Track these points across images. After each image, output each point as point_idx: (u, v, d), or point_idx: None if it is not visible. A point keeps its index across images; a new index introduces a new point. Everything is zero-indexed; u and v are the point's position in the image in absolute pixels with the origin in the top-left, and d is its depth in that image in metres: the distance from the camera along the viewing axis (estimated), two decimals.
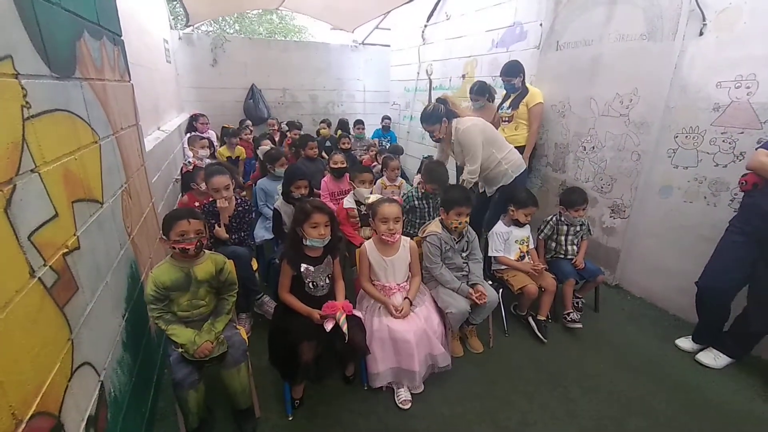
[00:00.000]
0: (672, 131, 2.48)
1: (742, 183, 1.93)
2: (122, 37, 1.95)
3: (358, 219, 2.64)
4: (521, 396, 1.93)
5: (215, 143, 4.42)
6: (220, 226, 2.23)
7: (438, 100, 2.71)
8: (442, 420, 1.79)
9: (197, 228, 1.57)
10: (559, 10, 3.09)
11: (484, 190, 2.92)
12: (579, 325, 2.40)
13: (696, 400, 1.90)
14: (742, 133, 2.16)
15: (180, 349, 1.49)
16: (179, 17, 6.88)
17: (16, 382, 0.80)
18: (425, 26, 4.98)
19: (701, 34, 2.26)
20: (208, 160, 3.43)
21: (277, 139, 5.02)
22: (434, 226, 2.11)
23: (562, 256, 2.54)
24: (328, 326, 1.64)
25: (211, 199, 2.30)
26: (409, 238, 2.04)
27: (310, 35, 11.45)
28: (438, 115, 2.64)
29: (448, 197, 2.09)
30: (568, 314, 2.44)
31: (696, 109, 2.32)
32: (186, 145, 4.21)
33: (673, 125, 2.47)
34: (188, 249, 1.54)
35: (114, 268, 1.44)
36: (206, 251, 1.68)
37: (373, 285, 1.98)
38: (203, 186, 2.48)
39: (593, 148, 2.97)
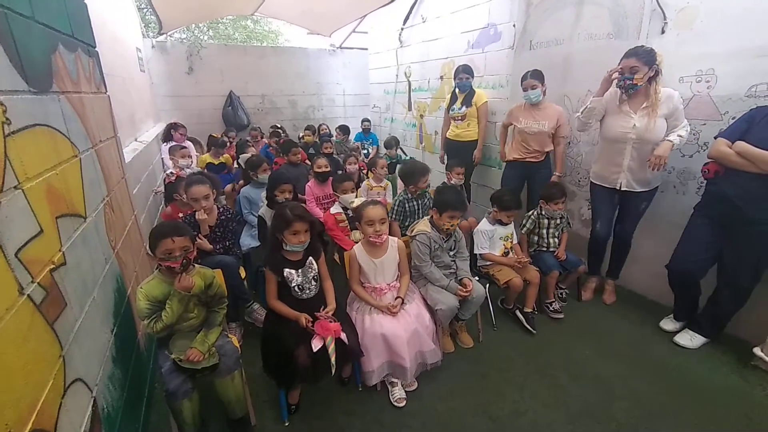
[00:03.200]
0: None
1: (705, 171, 2.04)
2: (96, 48, 1.92)
3: (347, 223, 2.66)
4: (512, 387, 1.99)
5: (194, 154, 4.36)
6: (201, 238, 2.20)
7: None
8: (436, 415, 1.83)
9: (183, 245, 1.55)
10: (531, 11, 3.19)
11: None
12: (561, 315, 2.49)
13: (676, 380, 2.00)
14: (704, 124, 2.28)
15: (173, 356, 1.48)
16: (151, 25, 6.75)
17: (10, 400, 0.80)
18: (402, 29, 5.05)
19: (663, 32, 2.38)
20: (189, 170, 3.39)
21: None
22: (423, 226, 2.15)
23: (545, 249, 2.62)
24: (316, 346, 1.63)
25: (193, 210, 2.28)
26: (396, 238, 2.08)
27: (286, 40, 11.39)
28: (656, 61, 2.16)
29: (443, 199, 2.11)
30: (551, 304, 2.53)
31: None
32: (165, 155, 4.14)
33: None
34: (174, 267, 1.52)
35: (100, 283, 1.42)
36: (195, 265, 1.67)
37: (364, 287, 2.00)
38: (185, 196, 2.45)
39: (569, 143, 3.08)
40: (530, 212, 2.67)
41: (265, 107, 6.86)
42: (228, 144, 4.54)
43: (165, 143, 4.44)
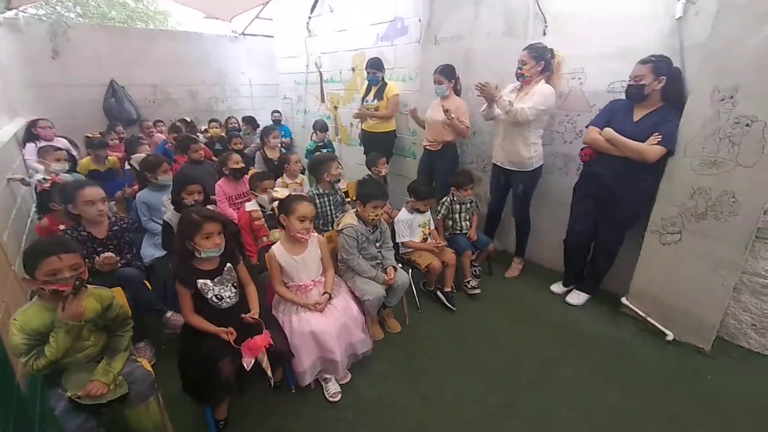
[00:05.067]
0: None
1: (582, 156, 2.42)
2: None
3: (263, 221, 2.54)
4: (437, 363, 2.14)
5: (73, 152, 3.71)
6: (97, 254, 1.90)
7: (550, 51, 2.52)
8: (371, 402, 1.89)
9: (72, 263, 1.30)
10: (434, 7, 3.35)
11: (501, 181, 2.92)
12: (477, 291, 2.74)
13: (569, 334, 2.36)
14: (579, 115, 2.67)
15: (68, 393, 1.28)
16: None
17: None
18: (309, 18, 4.90)
19: (545, 33, 2.71)
20: (66, 175, 2.88)
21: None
22: (350, 219, 2.17)
23: (458, 232, 2.84)
24: (248, 364, 1.56)
25: (73, 224, 1.95)
26: (316, 234, 2.05)
27: (177, 23, 10.22)
28: (546, 58, 2.49)
29: (365, 191, 2.15)
30: (468, 282, 2.76)
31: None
32: (30, 158, 3.45)
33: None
34: (63, 291, 1.27)
35: None
36: (87, 286, 1.41)
37: (288, 286, 1.95)
38: (69, 205, 2.08)
39: (474, 133, 3.34)
40: (444, 199, 2.86)
41: (157, 98, 6.07)
42: (107, 143, 3.84)
43: (30, 143, 3.70)
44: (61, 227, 2.13)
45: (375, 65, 3.61)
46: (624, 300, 2.49)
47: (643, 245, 2.33)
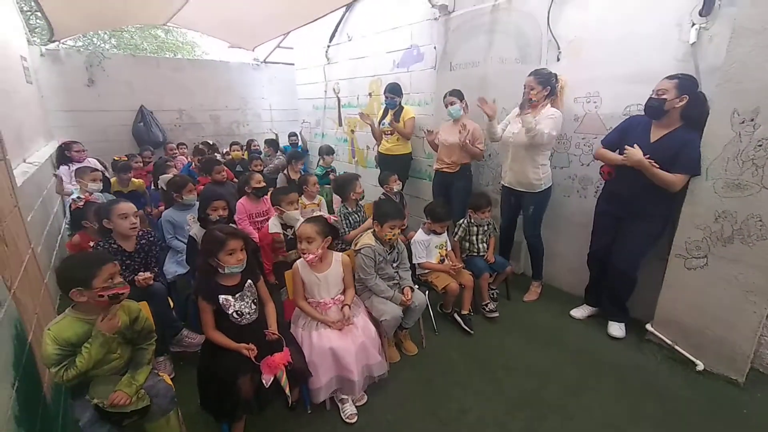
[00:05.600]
0: None
1: (601, 173, 2.45)
2: None
3: (283, 244, 2.59)
4: (456, 387, 2.09)
5: (106, 173, 3.89)
6: (126, 267, 1.99)
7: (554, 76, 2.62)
8: (387, 425, 1.85)
9: (119, 269, 1.43)
10: (449, 36, 3.48)
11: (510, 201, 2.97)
12: (496, 314, 2.69)
13: (592, 360, 2.28)
14: (595, 137, 2.68)
15: (95, 400, 1.30)
16: (37, 30, 5.94)
17: None
18: (329, 46, 5.12)
19: (558, 59, 2.77)
20: (98, 194, 3.02)
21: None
22: (367, 239, 2.19)
23: (476, 254, 2.83)
24: (267, 381, 1.58)
25: (100, 240, 2.05)
26: (341, 254, 2.08)
27: (204, 53, 10.79)
28: (552, 83, 2.58)
29: (382, 211, 2.18)
30: (486, 305, 2.72)
31: (563, 120, 2.79)
32: (65, 178, 3.63)
33: None
34: (122, 293, 1.39)
35: None
36: None
37: (308, 302, 1.96)
38: (98, 223, 2.18)
39: (489, 155, 3.38)
40: (461, 221, 2.87)
41: (183, 123, 6.39)
42: (131, 167, 3.99)
43: (64, 165, 3.90)
44: (91, 243, 2.22)
45: (393, 90, 3.72)
46: (649, 327, 2.40)
47: (666, 269, 2.27)
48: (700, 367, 2.15)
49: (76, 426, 1.33)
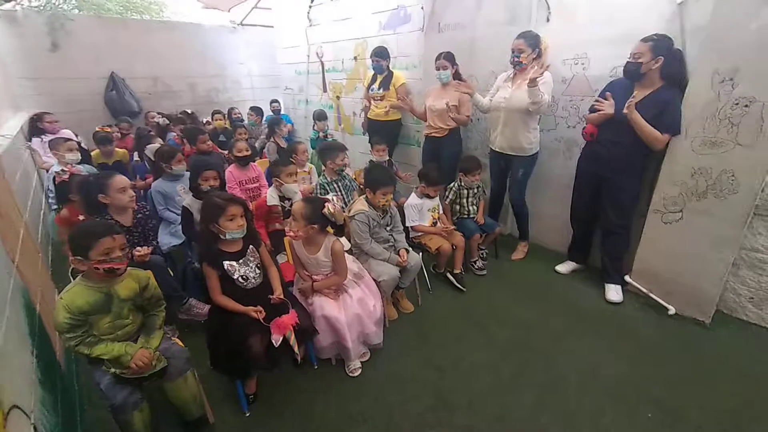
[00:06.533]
0: None
1: (584, 134, 2.53)
2: None
3: (280, 214, 2.60)
4: (450, 339, 2.24)
5: (81, 142, 3.73)
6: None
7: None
8: (390, 376, 1.98)
9: (121, 243, 1.41)
10: None
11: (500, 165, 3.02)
12: (484, 272, 2.84)
13: (575, 310, 2.46)
14: (582, 99, 2.74)
15: (112, 370, 1.36)
16: None
17: None
18: (310, 7, 4.89)
19: (548, 20, 2.75)
20: (80, 166, 2.92)
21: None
22: (360, 205, 2.24)
23: (466, 216, 2.93)
24: (277, 341, 1.64)
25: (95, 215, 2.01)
26: (333, 238, 1.96)
27: (173, 13, 10.10)
28: (539, 45, 2.62)
29: (374, 178, 2.20)
30: (475, 262, 2.86)
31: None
32: (40, 151, 3.48)
33: None
34: (118, 269, 1.38)
35: (9, 300, 1.22)
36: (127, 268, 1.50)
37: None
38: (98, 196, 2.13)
39: (478, 119, 3.41)
40: (451, 184, 2.93)
41: (158, 91, 6.08)
42: (112, 139, 3.81)
43: (35, 137, 3.72)
44: (80, 217, 2.18)
45: (380, 54, 3.62)
46: (627, 278, 2.59)
47: (645, 224, 2.42)
48: (672, 311, 2.36)
49: (90, 390, 1.39)
